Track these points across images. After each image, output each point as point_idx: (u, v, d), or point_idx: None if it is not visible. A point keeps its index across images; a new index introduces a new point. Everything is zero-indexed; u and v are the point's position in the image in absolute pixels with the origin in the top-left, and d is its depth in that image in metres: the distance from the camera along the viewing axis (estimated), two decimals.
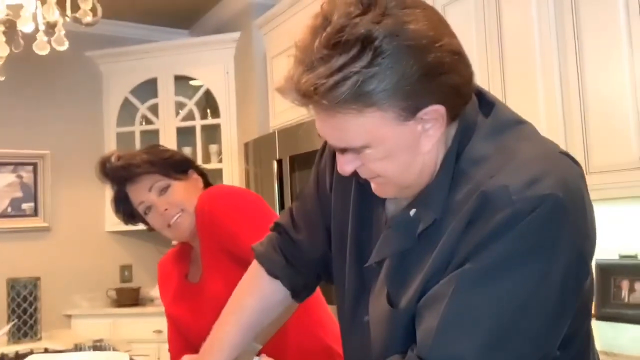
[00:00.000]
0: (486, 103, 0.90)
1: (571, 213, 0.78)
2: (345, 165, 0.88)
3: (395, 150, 0.84)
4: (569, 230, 0.77)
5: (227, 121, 4.12)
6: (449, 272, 0.81)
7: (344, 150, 0.86)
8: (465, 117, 0.86)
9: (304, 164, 3.20)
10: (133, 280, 4.33)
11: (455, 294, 0.79)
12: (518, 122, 0.88)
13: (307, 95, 0.78)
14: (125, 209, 1.55)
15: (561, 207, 0.76)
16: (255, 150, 3.66)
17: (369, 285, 0.95)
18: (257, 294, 1.17)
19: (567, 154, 0.86)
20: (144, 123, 4.28)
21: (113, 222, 4.21)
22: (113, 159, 1.50)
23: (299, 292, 1.20)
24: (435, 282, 0.82)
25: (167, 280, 1.60)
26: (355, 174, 0.91)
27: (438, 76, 0.78)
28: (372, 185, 0.93)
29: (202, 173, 1.60)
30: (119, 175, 1.48)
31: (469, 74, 0.83)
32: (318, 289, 1.56)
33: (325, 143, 1.16)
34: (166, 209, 1.48)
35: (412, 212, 0.88)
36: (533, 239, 0.76)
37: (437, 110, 0.80)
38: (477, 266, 0.78)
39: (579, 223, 0.79)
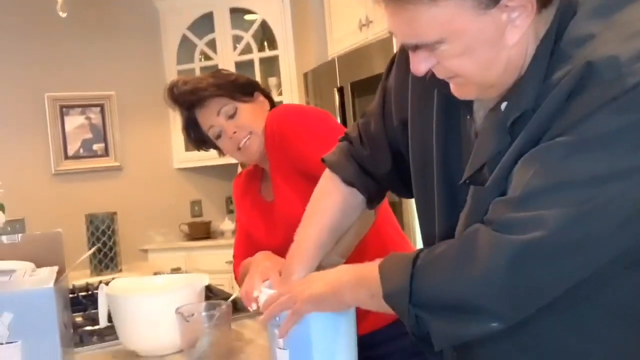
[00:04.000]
0: None
1: None
2: (419, 64, 0.82)
3: (474, 44, 0.77)
4: None
5: (285, 52, 4.06)
6: (543, 142, 0.75)
7: (416, 48, 0.80)
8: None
9: (366, 89, 3.13)
10: (203, 214, 4.46)
11: (548, 162, 0.74)
12: None
13: None
14: (196, 135, 1.56)
15: None
16: (315, 80, 3.60)
17: (461, 203, 0.89)
18: (335, 197, 1.16)
19: None
20: (203, 59, 4.28)
21: (180, 159, 4.31)
22: (180, 83, 1.49)
23: (373, 199, 1.18)
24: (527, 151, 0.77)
25: (242, 196, 1.62)
26: (433, 78, 0.86)
27: None
28: (451, 86, 0.87)
29: (267, 95, 1.58)
30: (187, 99, 1.48)
31: None
32: (391, 212, 1.55)
33: (394, 59, 1.10)
34: (235, 132, 1.48)
35: (503, 105, 0.82)
36: (638, 115, 0.69)
37: None
38: (575, 138, 0.72)
39: None
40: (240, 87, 1.50)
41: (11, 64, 3.94)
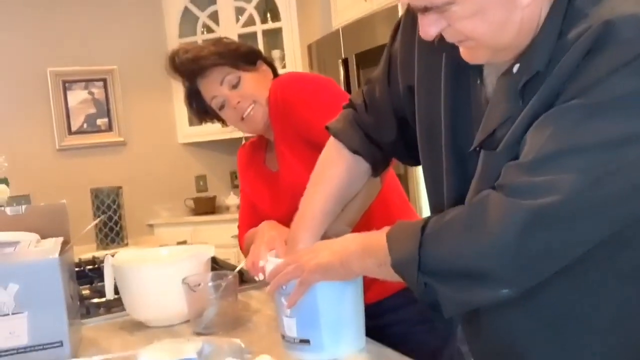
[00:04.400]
0: None
1: None
2: (428, 28, 0.80)
3: (486, 4, 0.74)
4: None
5: (289, 24, 4.02)
6: (558, 104, 0.73)
7: (425, 10, 0.78)
8: None
9: (371, 61, 3.09)
10: (208, 189, 4.45)
11: (562, 126, 0.72)
12: None
13: None
14: (199, 106, 1.53)
15: None
16: (319, 52, 3.56)
17: (471, 170, 0.87)
18: (340, 165, 1.14)
19: None
20: (205, 32, 4.24)
21: (185, 134, 4.29)
22: (181, 52, 1.47)
23: (378, 167, 1.17)
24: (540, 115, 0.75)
25: (246, 166, 1.61)
26: (441, 42, 0.83)
27: None
28: (461, 50, 0.85)
29: (270, 64, 1.55)
30: (189, 68, 1.46)
31: None
32: (397, 180, 1.53)
33: (399, 22, 1.07)
34: (239, 102, 1.45)
35: (515, 67, 0.80)
36: None
37: None
38: (591, 101, 0.70)
39: None
40: (243, 56, 1.47)
41: (13, 39, 3.91)
